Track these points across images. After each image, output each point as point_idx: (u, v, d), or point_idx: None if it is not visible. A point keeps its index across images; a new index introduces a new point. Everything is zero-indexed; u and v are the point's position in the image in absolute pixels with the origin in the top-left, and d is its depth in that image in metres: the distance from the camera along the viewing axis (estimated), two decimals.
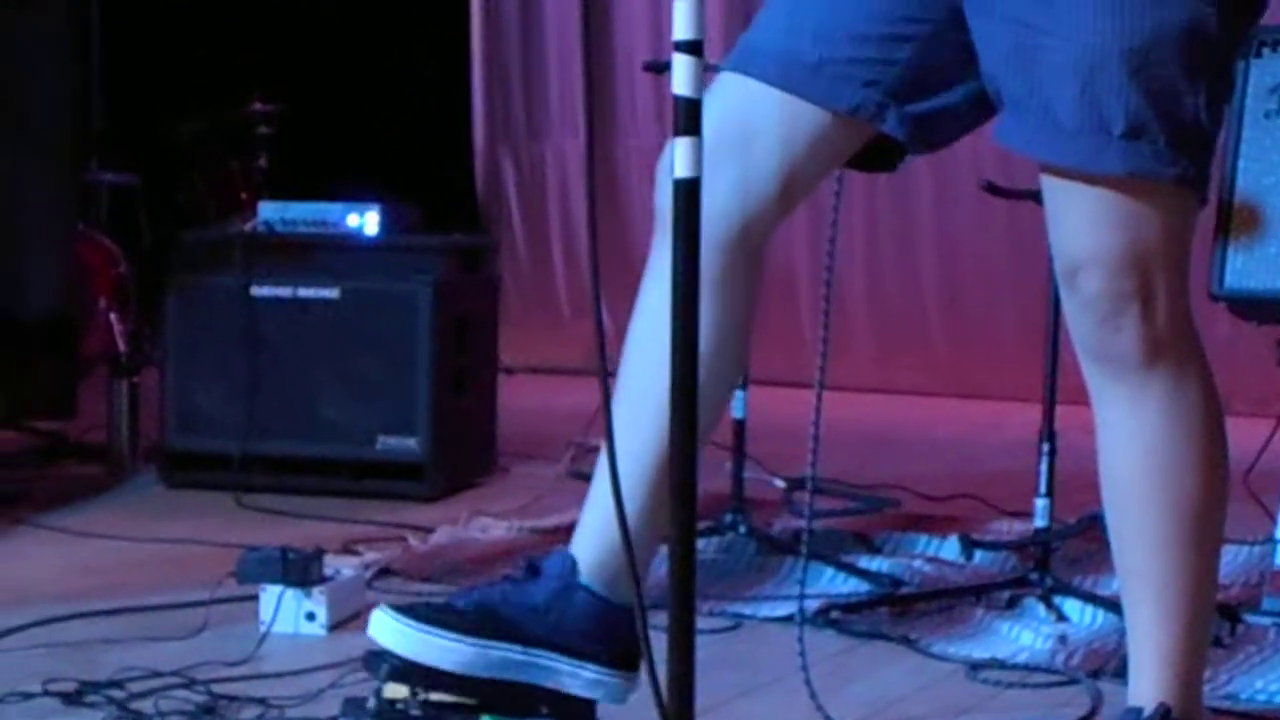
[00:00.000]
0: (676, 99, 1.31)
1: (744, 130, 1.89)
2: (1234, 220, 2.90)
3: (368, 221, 3.94)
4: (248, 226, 3.99)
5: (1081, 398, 1.88)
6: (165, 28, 6.36)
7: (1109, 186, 1.76)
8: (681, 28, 1.31)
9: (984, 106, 1.87)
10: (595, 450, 1.95)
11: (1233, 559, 3.07)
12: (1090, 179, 1.76)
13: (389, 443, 3.74)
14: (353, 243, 3.94)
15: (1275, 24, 3.07)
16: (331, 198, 4.08)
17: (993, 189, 2.95)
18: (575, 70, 6.54)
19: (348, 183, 4.63)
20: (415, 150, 6.62)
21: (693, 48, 1.31)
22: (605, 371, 1.51)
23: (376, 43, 6.60)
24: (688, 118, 1.31)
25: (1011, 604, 2.80)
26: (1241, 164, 2.97)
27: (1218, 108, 1.78)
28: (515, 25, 6.83)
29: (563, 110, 6.78)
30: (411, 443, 3.74)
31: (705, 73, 2.36)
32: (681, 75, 1.31)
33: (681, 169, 1.33)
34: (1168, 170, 1.74)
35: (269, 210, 4.00)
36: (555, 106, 6.80)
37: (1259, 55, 2.97)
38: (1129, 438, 1.83)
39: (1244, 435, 2.94)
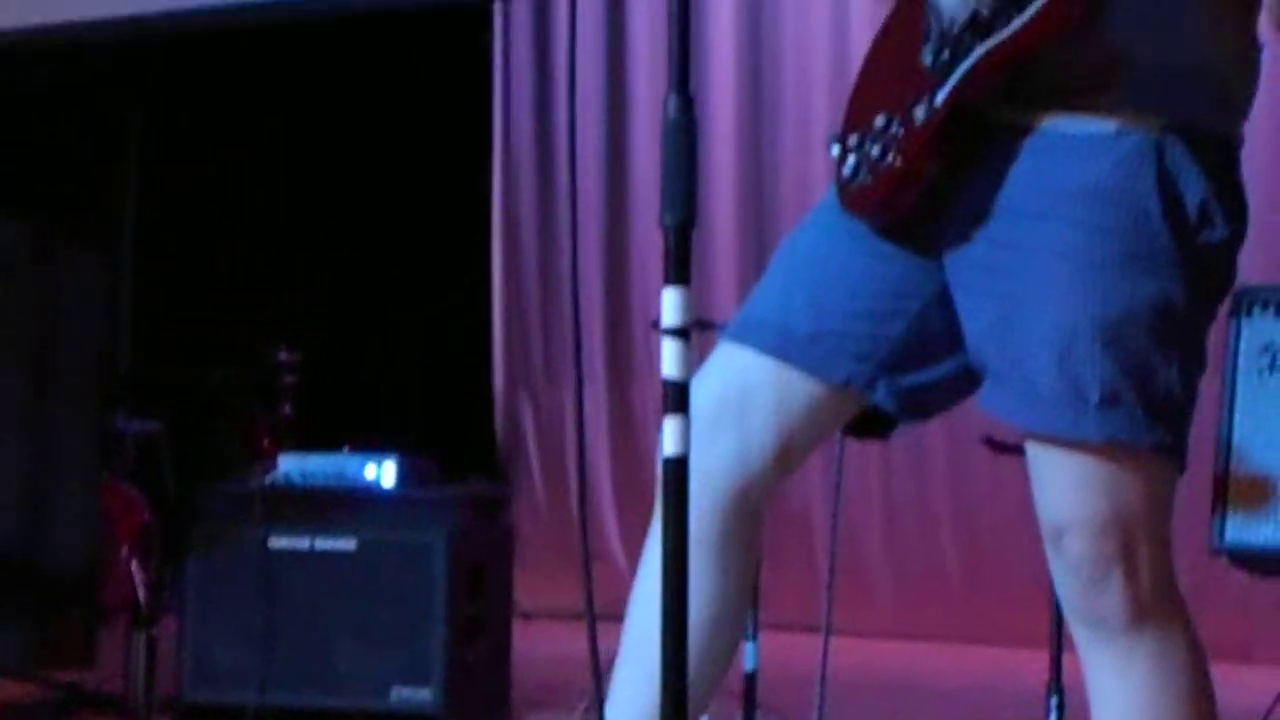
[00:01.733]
0: (665, 381, 1.38)
1: (742, 397, 1.97)
2: (1231, 476, 2.96)
3: (385, 473, 4.02)
4: (268, 479, 4.06)
5: None
6: (191, 278, 6.52)
7: (1089, 453, 1.82)
8: (669, 315, 1.39)
9: (971, 377, 1.95)
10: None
11: None
12: (1071, 445, 1.83)
13: (403, 693, 3.76)
14: (370, 494, 4.01)
15: (1264, 284, 3.17)
16: (354, 442, 4.17)
17: (992, 444, 3.02)
18: (593, 320, 6.68)
19: (370, 428, 4.71)
20: (437, 395, 6.73)
21: (680, 334, 1.39)
22: (594, 626, 1.56)
23: (399, 291, 6.75)
24: (676, 399, 1.39)
25: None
26: (1237, 419, 3.04)
27: (1191, 378, 1.85)
28: (535, 275, 6.99)
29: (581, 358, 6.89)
30: (425, 693, 3.76)
31: (706, 332, 2.45)
32: (670, 359, 1.39)
33: (670, 447, 1.40)
34: (1145, 438, 1.81)
35: (288, 463, 4.08)
36: (572, 346, 6.92)
37: (1249, 314, 3.06)
38: (1118, 701, 1.86)
39: (1263, 682, 2.95)
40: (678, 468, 1.39)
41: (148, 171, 6.32)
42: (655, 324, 4.13)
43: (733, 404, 1.96)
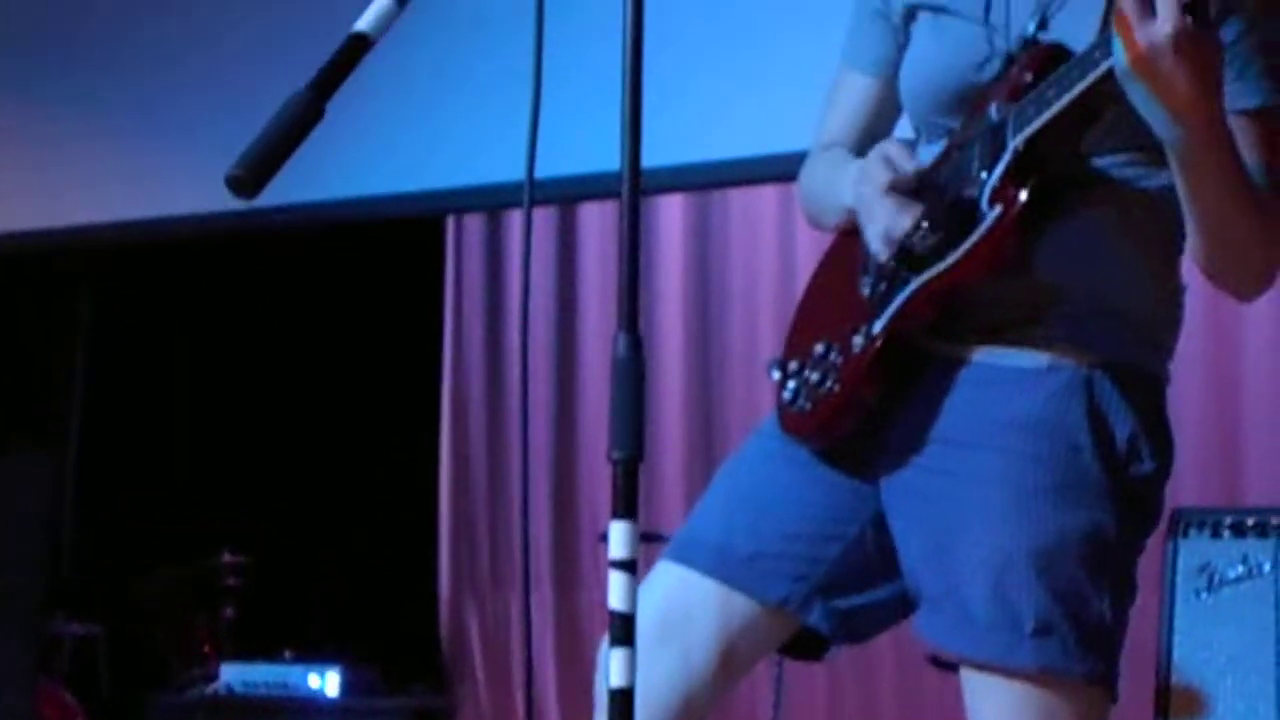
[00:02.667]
0: (611, 613, 1.41)
1: (684, 615, 2.01)
2: (1172, 698, 2.99)
3: (329, 683, 4.00)
4: (209, 689, 4.04)
5: None
6: (136, 478, 6.51)
7: (1022, 680, 1.85)
8: (616, 547, 1.42)
9: (906, 602, 1.99)
10: None
11: None
12: (1005, 673, 1.86)
13: None
14: (313, 705, 3.99)
15: (1199, 506, 3.23)
16: (298, 647, 4.15)
17: (938, 663, 3.03)
18: (540, 525, 6.69)
19: (315, 631, 4.69)
20: (382, 598, 6.68)
21: (627, 566, 1.42)
22: None
23: (345, 495, 6.75)
24: (622, 631, 1.41)
25: None
26: (1176, 639, 3.07)
27: (1122, 608, 1.89)
28: (482, 481, 7.00)
29: (528, 563, 6.87)
30: None
31: (653, 543, 2.48)
32: (617, 591, 1.42)
33: (616, 679, 1.42)
34: (1077, 667, 1.84)
35: (231, 672, 4.06)
36: (520, 560, 6.90)
37: (1185, 535, 3.11)
38: None
39: None
40: (624, 699, 1.42)
41: (95, 372, 6.33)
42: (603, 537, 4.15)
43: (675, 622, 1.99)
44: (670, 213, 6.06)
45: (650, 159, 1.66)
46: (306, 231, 6.20)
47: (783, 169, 4.78)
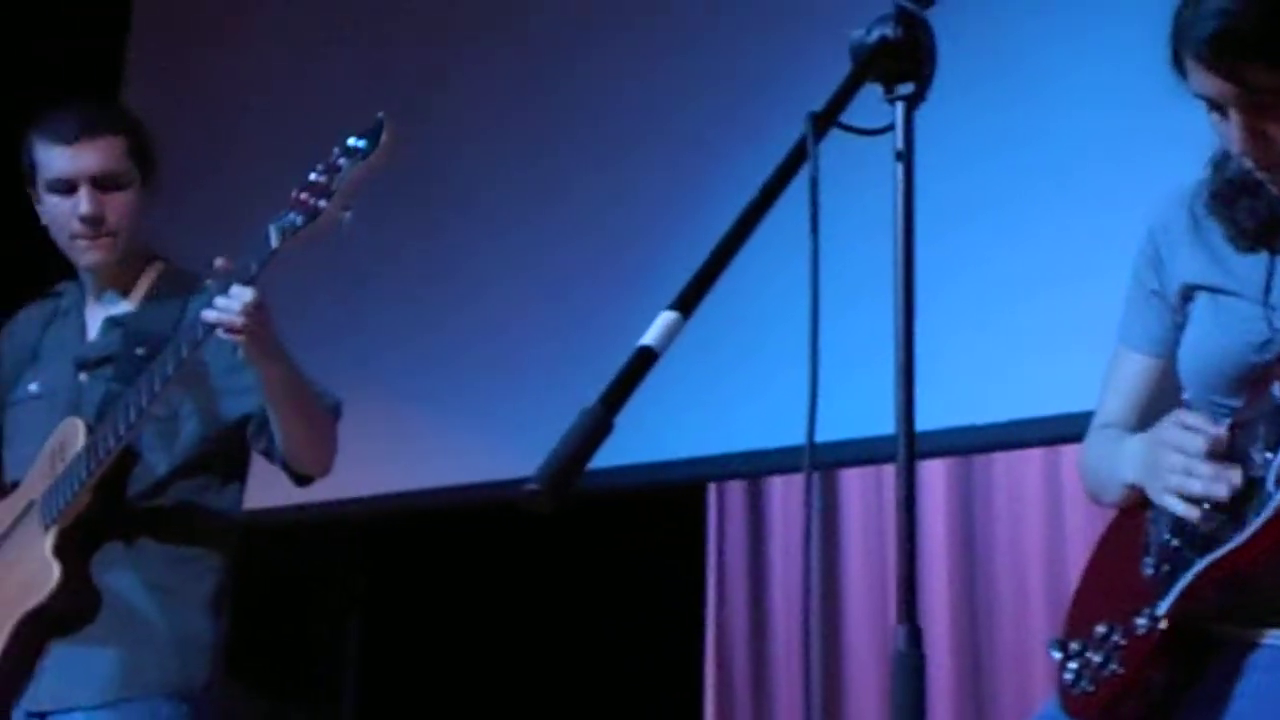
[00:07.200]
0: None
1: None
2: None
3: None
4: None
5: None
6: None
7: None
8: None
9: None
10: None
11: None
12: None
13: None
14: None
15: None
16: None
17: None
18: None
19: None
20: None
21: None
22: None
23: None
24: None
25: None
26: None
27: None
28: None
29: None
30: None
31: None
32: None
33: None
34: None
35: None
36: None
37: None
38: None
39: None
40: None
41: (369, 640, 6.47)
42: None
43: None
44: (934, 478, 6.01)
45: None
46: (569, 500, 6.26)
47: (1048, 432, 4.73)
